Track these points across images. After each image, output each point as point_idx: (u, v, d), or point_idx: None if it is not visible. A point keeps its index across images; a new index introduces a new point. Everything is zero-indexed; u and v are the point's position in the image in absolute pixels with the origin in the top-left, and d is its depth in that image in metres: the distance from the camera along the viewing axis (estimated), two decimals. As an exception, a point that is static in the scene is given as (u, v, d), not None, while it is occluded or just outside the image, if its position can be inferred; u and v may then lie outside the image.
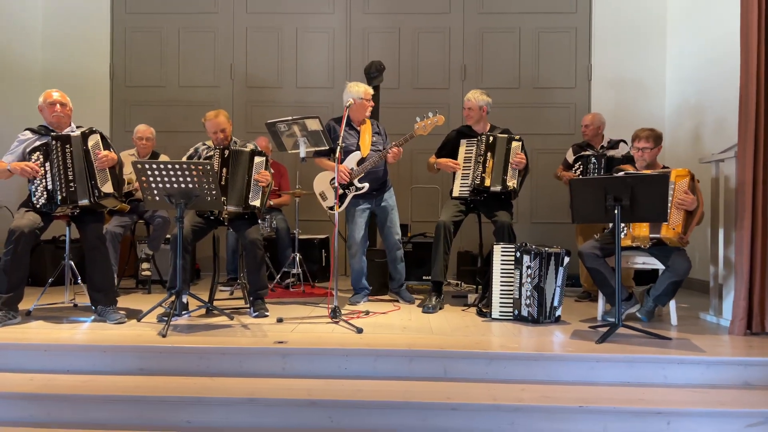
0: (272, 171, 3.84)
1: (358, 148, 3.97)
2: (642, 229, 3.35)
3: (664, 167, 3.58)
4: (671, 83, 5.56)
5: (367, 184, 3.94)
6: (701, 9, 5.05)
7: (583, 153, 4.39)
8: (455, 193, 4.02)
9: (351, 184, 3.94)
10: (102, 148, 3.42)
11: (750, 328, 3.16)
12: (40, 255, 4.75)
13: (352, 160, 3.95)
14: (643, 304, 3.50)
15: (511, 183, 3.89)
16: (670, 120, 5.55)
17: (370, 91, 4.02)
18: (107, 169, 3.41)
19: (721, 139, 4.48)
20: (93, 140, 3.40)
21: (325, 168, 4.05)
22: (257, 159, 3.63)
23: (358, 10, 5.85)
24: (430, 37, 5.83)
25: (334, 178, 3.88)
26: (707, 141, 4.87)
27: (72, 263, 3.74)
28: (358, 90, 3.94)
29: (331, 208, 3.97)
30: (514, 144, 3.92)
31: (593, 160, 4.28)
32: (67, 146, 3.34)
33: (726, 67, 4.40)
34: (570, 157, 4.52)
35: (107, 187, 3.39)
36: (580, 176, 4.26)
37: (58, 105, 3.43)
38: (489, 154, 3.90)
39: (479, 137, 3.98)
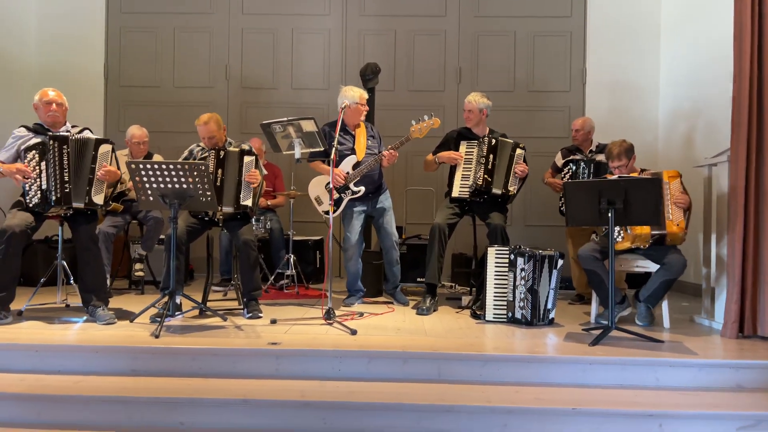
0: (265, 172, 3.83)
1: (353, 152, 3.97)
2: (643, 228, 3.36)
3: (642, 170, 3.61)
4: (665, 87, 5.59)
5: (363, 188, 3.94)
6: (695, 14, 5.09)
7: (572, 157, 4.41)
8: (455, 194, 4.01)
9: (347, 187, 3.94)
10: (110, 161, 3.43)
11: (742, 331, 3.18)
12: (33, 255, 4.72)
13: (347, 164, 3.94)
14: (636, 309, 3.51)
15: (512, 188, 3.94)
16: (663, 123, 5.58)
17: (365, 95, 4.02)
18: (105, 182, 3.41)
19: (713, 143, 4.51)
20: (104, 149, 3.42)
21: (320, 172, 4.04)
22: (246, 158, 3.62)
23: (354, 12, 5.85)
24: (425, 39, 5.84)
25: (329, 183, 3.88)
26: (700, 144, 4.91)
27: (64, 263, 3.72)
28: (353, 94, 3.92)
29: (327, 213, 3.96)
30: (519, 151, 3.96)
31: (582, 164, 4.31)
32: (65, 147, 3.32)
33: (719, 72, 4.43)
34: (559, 161, 4.54)
35: (98, 199, 3.40)
36: (569, 181, 4.28)
37: (54, 104, 3.42)
38: (491, 156, 3.91)
39: (481, 139, 3.99)
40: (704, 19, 4.91)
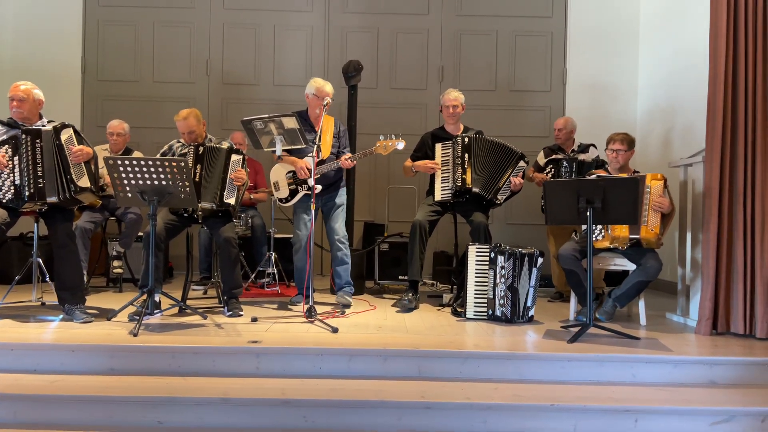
0: (248, 170, 3.80)
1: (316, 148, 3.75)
2: (622, 230, 3.40)
3: (634, 171, 3.66)
4: (643, 88, 5.68)
5: (320, 186, 3.80)
6: (673, 18, 5.17)
7: (554, 156, 4.46)
8: (437, 198, 4.01)
9: (305, 182, 3.89)
10: (76, 143, 3.34)
11: (715, 328, 3.25)
12: (7, 252, 4.63)
13: (311, 160, 3.87)
14: (603, 303, 3.55)
15: (501, 197, 3.98)
16: (641, 124, 5.67)
17: (325, 90, 3.86)
18: (83, 164, 3.34)
19: (689, 144, 4.60)
20: (66, 134, 3.32)
21: (283, 161, 3.95)
22: (234, 157, 3.60)
23: (337, 9, 5.83)
24: (408, 37, 5.85)
25: (289, 172, 3.93)
26: (676, 145, 5.00)
27: (40, 260, 3.66)
28: (310, 85, 3.91)
29: (281, 200, 4.00)
30: (521, 164, 4.00)
31: (565, 163, 4.35)
32: (38, 141, 3.25)
33: (696, 74, 4.52)
34: (541, 160, 4.58)
35: (83, 182, 3.33)
36: (549, 180, 4.33)
37: (15, 101, 3.29)
38: (466, 155, 3.93)
39: (455, 139, 4.00)
40: (682, 23, 4.99)
